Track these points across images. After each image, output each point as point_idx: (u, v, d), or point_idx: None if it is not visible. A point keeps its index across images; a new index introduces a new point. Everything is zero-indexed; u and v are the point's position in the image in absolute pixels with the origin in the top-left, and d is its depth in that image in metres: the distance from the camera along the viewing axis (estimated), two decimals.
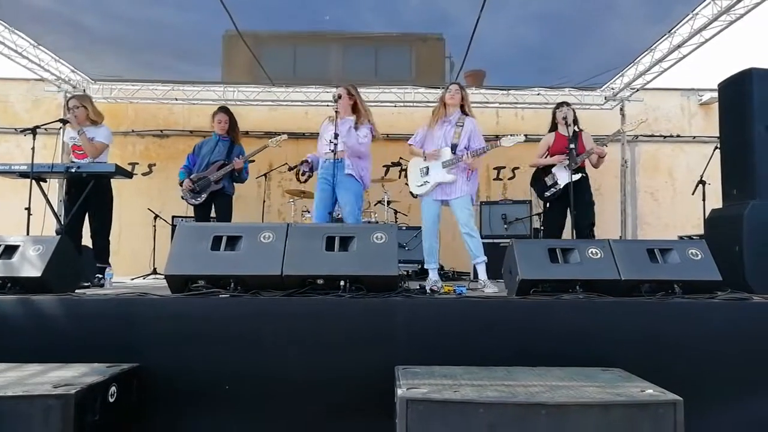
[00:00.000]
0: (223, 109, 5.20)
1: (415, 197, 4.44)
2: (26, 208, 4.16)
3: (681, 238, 5.65)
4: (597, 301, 2.81)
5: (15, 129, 7.39)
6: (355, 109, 4.33)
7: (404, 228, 6.42)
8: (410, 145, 4.38)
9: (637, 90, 7.27)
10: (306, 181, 4.14)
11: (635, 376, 2.33)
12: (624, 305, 2.77)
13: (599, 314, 2.74)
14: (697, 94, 8.09)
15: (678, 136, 7.99)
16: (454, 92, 4.19)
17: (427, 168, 4.17)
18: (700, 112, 8.09)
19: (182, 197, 5.09)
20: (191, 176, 4.97)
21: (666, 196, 7.91)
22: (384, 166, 7.76)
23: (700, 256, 3.03)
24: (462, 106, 4.24)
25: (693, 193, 5.67)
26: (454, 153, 4.06)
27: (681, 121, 8.07)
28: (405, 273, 5.72)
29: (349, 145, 4.11)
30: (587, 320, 2.72)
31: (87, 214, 4.48)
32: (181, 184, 5.03)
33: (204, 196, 4.93)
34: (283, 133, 5.37)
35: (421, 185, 4.20)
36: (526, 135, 4.22)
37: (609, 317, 2.73)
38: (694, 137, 7.95)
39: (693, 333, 2.71)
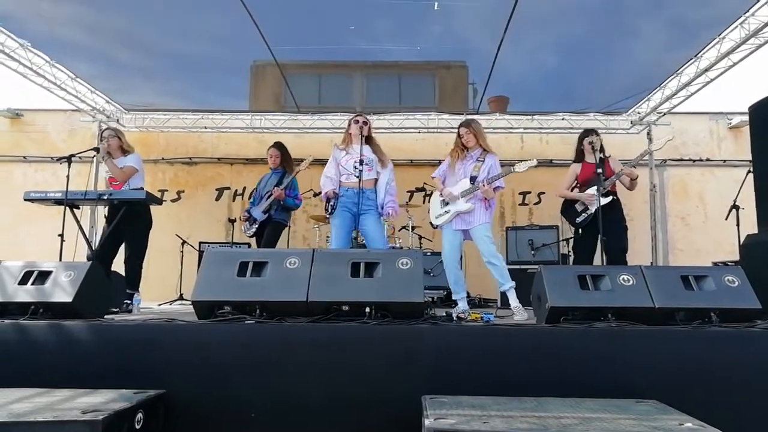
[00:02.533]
0: (276, 145, 5.61)
1: (435, 228, 4.49)
2: (59, 235, 4.27)
3: (715, 264, 5.49)
4: (630, 329, 2.72)
5: (51, 158, 7.65)
6: (370, 139, 4.35)
7: (429, 254, 6.38)
8: (433, 177, 4.47)
9: (664, 114, 7.18)
10: (329, 210, 4.19)
11: (672, 409, 2.23)
12: (658, 334, 2.67)
13: (632, 343, 2.65)
14: (726, 118, 7.96)
15: (707, 160, 7.85)
16: (465, 135, 4.26)
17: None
18: (729, 136, 7.95)
19: (243, 231, 5.53)
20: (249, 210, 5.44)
21: (697, 221, 7.74)
22: (408, 192, 7.78)
23: (737, 283, 2.93)
24: (479, 142, 4.28)
25: (726, 218, 5.52)
26: (473, 183, 4.13)
27: (710, 144, 7.93)
28: (430, 299, 5.66)
29: (395, 210, 4.22)
30: (620, 349, 2.63)
31: (123, 241, 4.60)
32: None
33: (255, 227, 5.34)
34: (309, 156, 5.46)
35: (440, 215, 4.29)
36: (538, 160, 4.31)
37: (643, 346, 2.64)
38: (725, 161, 7.80)
39: (732, 363, 2.60)
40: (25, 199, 4.32)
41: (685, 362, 2.60)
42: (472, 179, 4.14)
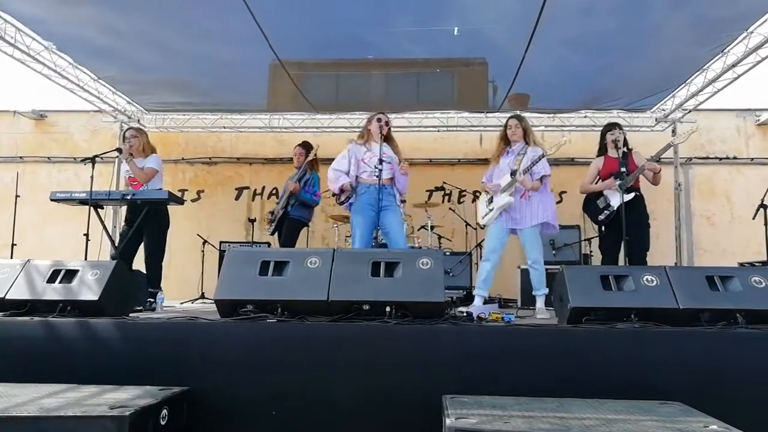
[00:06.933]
0: (301, 144, 5.68)
1: (483, 228, 4.65)
2: (85, 234, 4.35)
3: (742, 264, 5.38)
4: (653, 330, 2.68)
5: (74, 158, 7.79)
6: (389, 138, 4.43)
7: (448, 254, 6.36)
8: (483, 182, 4.57)
9: (689, 111, 7.03)
10: (344, 203, 4.33)
11: (696, 411, 2.20)
12: (682, 335, 2.64)
13: (656, 344, 2.61)
14: (754, 114, 7.77)
15: (734, 158, 7.68)
16: (515, 128, 4.34)
17: (491, 197, 4.39)
18: (758, 133, 7.76)
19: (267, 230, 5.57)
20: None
21: (723, 221, 7.57)
22: (427, 191, 7.75)
23: (764, 284, 2.88)
24: (525, 138, 4.37)
25: (754, 218, 5.41)
26: (513, 177, 4.20)
27: (737, 142, 7.75)
28: (450, 299, 5.64)
29: (401, 189, 4.37)
30: (643, 350, 2.60)
31: (143, 240, 4.66)
32: None
33: (274, 224, 5.31)
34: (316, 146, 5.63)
35: (486, 215, 4.41)
36: (558, 159, 4.28)
37: (666, 348, 2.60)
38: (752, 159, 7.62)
39: (758, 365, 2.55)
40: (51, 199, 4.40)
41: (709, 364, 2.57)
42: (513, 173, 4.20)
